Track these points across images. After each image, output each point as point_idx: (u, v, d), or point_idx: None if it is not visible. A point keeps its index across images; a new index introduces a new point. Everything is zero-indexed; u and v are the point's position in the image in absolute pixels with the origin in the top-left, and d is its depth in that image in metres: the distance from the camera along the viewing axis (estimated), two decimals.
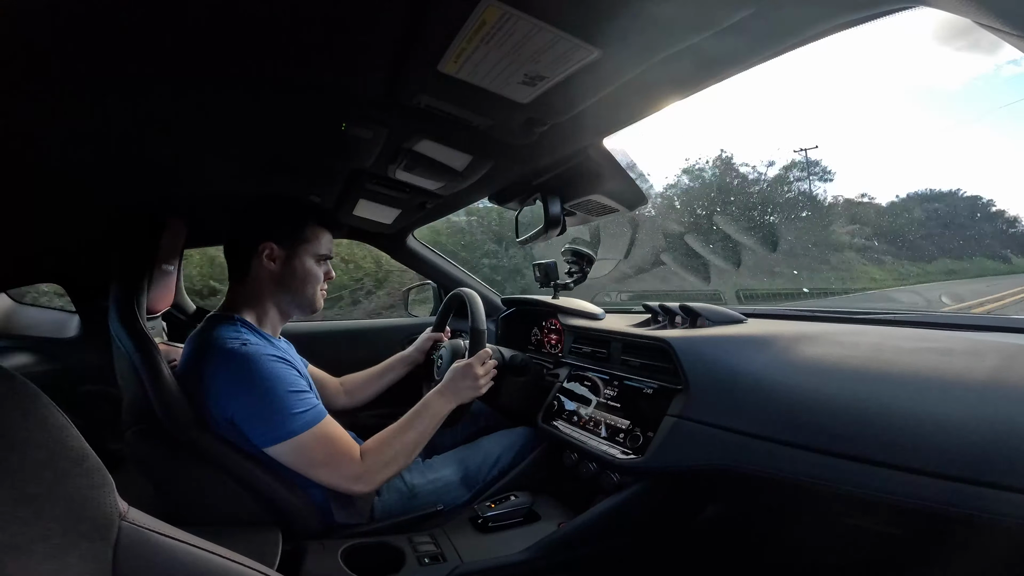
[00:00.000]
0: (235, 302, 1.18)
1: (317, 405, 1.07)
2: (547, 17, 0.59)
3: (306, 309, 1.22)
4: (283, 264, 1.17)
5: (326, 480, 1.06)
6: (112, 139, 0.88)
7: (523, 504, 1.20)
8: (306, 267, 1.19)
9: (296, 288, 1.19)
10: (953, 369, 0.75)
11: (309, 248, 1.19)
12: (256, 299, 1.18)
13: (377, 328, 2.27)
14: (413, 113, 0.88)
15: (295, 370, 1.09)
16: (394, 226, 1.83)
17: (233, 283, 1.20)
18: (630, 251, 6.14)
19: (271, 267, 1.16)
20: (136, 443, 1.03)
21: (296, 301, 1.20)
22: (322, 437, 1.04)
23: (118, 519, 0.50)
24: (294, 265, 1.18)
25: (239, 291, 1.19)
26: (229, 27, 0.61)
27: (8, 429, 0.44)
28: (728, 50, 0.67)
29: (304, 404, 1.03)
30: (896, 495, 0.70)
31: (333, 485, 1.07)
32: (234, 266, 1.19)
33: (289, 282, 1.18)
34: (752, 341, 1.05)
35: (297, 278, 1.18)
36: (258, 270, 1.16)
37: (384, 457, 1.10)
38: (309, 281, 1.20)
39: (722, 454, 0.92)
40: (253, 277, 1.17)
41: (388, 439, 1.13)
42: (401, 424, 1.16)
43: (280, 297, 1.19)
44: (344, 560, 1.00)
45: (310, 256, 1.20)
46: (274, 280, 1.17)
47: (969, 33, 45.65)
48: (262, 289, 1.17)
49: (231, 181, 1.24)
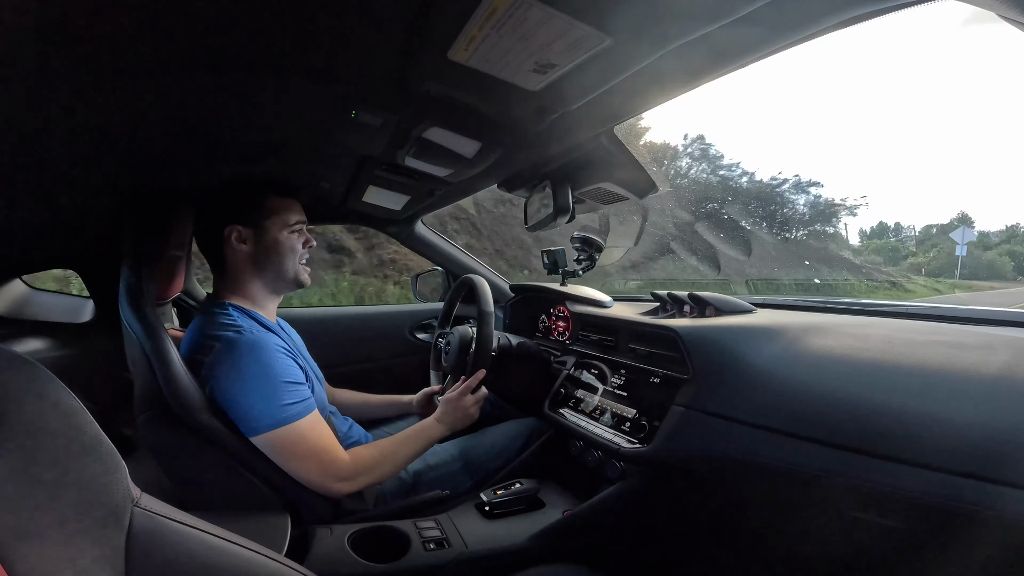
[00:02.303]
0: (221, 291, 1.19)
1: (308, 399, 1.07)
2: (559, 4, 0.58)
3: (290, 283, 1.22)
4: (254, 243, 1.17)
5: (305, 476, 1.05)
6: (121, 125, 0.88)
7: (528, 491, 1.21)
8: (278, 239, 1.18)
9: (274, 263, 1.18)
10: (964, 363, 0.74)
11: (276, 220, 1.19)
12: (240, 283, 1.18)
13: (385, 313, 2.27)
14: (423, 100, 0.88)
15: (293, 360, 1.09)
16: (403, 212, 1.83)
17: (216, 274, 1.21)
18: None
19: (244, 248, 1.16)
20: (147, 429, 1.05)
21: (278, 277, 1.20)
22: (308, 432, 1.05)
23: (131, 505, 0.50)
24: (265, 241, 1.17)
25: (222, 280, 1.19)
26: (238, 12, 0.60)
27: (23, 414, 0.45)
28: (742, 40, 0.65)
29: (295, 396, 1.04)
30: (903, 489, 0.69)
31: (313, 482, 1.06)
32: (211, 258, 1.20)
33: (264, 259, 1.18)
34: (761, 331, 1.04)
35: (272, 253, 1.18)
36: (232, 255, 1.17)
37: (372, 463, 1.12)
38: (284, 253, 1.19)
39: (728, 445, 0.92)
40: (230, 264, 1.17)
41: (382, 448, 1.16)
42: (396, 440, 1.20)
43: (261, 276, 1.19)
44: (351, 545, 1.01)
45: (279, 228, 1.19)
46: (250, 261, 1.17)
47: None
48: (242, 272, 1.18)
49: (240, 167, 1.24)
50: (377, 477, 1.14)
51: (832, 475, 0.77)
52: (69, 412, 0.48)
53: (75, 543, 0.44)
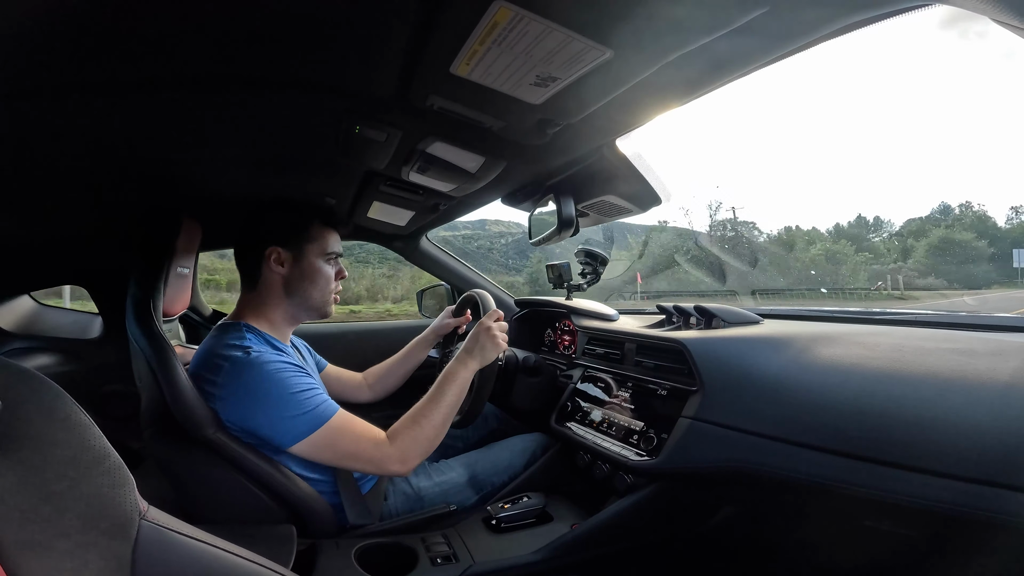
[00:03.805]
0: (243, 310, 1.19)
1: (326, 401, 1.07)
2: (559, 18, 0.59)
3: (315, 312, 1.22)
4: (291, 267, 1.17)
5: (362, 468, 1.07)
6: (128, 142, 0.90)
7: (536, 505, 1.20)
8: (315, 267, 1.19)
9: (306, 290, 1.19)
10: (975, 370, 0.74)
11: (315, 247, 1.19)
12: (265, 305, 1.18)
13: (391, 329, 2.27)
14: (426, 115, 0.89)
15: (300, 370, 1.09)
16: (408, 228, 1.84)
17: (244, 291, 1.20)
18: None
19: (280, 271, 1.17)
20: (154, 442, 1.05)
21: (306, 304, 1.20)
22: (339, 429, 1.04)
23: (138, 518, 0.50)
24: (302, 266, 1.18)
25: (249, 299, 1.19)
26: (243, 28, 0.61)
27: (32, 428, 0.45)
28: (741, 49, 0.66)
29: (310, 403, 1.03)
30: (914, 497, 0.69)
31: (371, 471, 1.09)
32: (245, 274, 1.20)
33: (298, 284, 1.18)
34: (768, 342, 1.04)
35: (306, 279, 1.18)
36: (268, 275, 1.17)
37: (415, 434, 1.09)
38: (318, 281, 1.20)
39: (737, 455, 0.91)
40: (263, 283, 1.17)
41: (416, 416, 1.11)
42: (426, 399, 1.14)
43: (290, 301, 1.19)
44: (358, 560, 1.00)
45: (317, 256, 1.20)
46: (284, 284, 1.18)
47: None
48: (272, 295, 1.18)
49: (245, 182, 1.25)
50: (428, 446, 1.10)
51: (843, 484, 0.76)
52: (77, 426, 0.49)
53: (81, 555, 0.44)
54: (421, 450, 1.09)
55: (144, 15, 0.55)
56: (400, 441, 1.07)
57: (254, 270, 1.18)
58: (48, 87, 0.66)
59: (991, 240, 22.56)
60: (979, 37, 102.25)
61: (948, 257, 24.44)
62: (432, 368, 1.57)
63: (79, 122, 0.77)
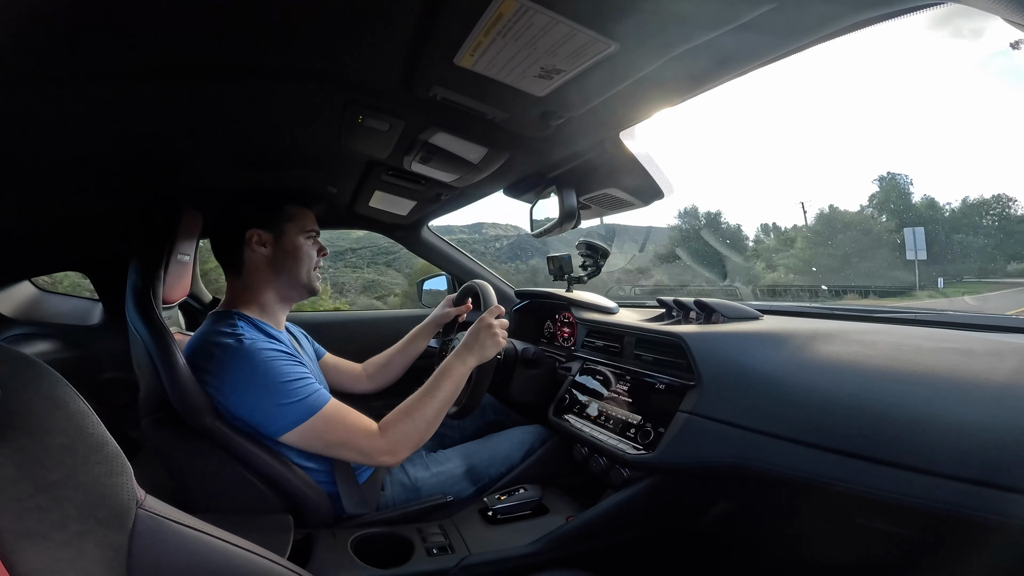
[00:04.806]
0: (233, 299, 1.19)
1: (318, 391, 1.07)
2: (564, 10, 0.59)
3: (303, 289, 1.23)
4: (274, 246, 1.18)
5: (352, 459, 1.08)
6: (130, 130, 0.89)
7: (532, 497, 1.20)
8: (297, 244, 1.20)
9: (291, 268, 1.19)
10: (973, 370, 0.74)
11: (295, 226, 1.20)
12: (254, 290, 1.18)
13: (393, 318, 2.27)
14: (429, 105, 0.88)
15: (293, 358, 1.09)
16: (409, 217, 1.84)
17: (230, 280, 1.21)
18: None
19: (263, 252, 1.17)
20: (152, 431, 1.05)
21: (294, 281, 1.20)
22: (330, 419, 1.04)
23: (135, 506, 0.51)
24: (285, 244, 1.19)
25: (237, 287, 1.19)
26: (246, 17, 0.61)
27: (30, 415, 0.45)
28: (747, 46, 0.66)
29: (302, 392, 1.04)
30: (911, 496, 0.69)
31: (362, 462, 1.10)
32: (228, 263, 1.20)
33: (283, 262, 1.19)
34: (767, 338, 1.04)
35: (290, 257, 1.19)
36: (251, 259, 1.17)
37: (406, 427, 1.09)
38: (302, 258, 1.20)
39: (733, 451, 0.91)
40: (248, 268, 1.17)
41: (408, 409, 1.11)
42: (421, 392, 1.14)
43: (278, 280, 1.19)
44: (354, 549, 1.01)
45: (298, 233, 1.20)
46: (269, 265, 1.18)
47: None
48: (259, 277, 1.18)
49: (247, 172, 1.25)
50: (419, 439, 1.10)
51: (839, 482, 0.76)
52: (76, 414, 0.49)
53: (78, 544, 0.44)
54: (412, 443, 1.09)
55: (148, 3, 0.54)
56: (391, 433, 1.07)
57: (236, 256, 1.18)
58: (50, 76, 0.65)
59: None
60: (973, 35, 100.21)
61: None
62: (432, 358, 1.57)
63: (80, 110, 0.77)
